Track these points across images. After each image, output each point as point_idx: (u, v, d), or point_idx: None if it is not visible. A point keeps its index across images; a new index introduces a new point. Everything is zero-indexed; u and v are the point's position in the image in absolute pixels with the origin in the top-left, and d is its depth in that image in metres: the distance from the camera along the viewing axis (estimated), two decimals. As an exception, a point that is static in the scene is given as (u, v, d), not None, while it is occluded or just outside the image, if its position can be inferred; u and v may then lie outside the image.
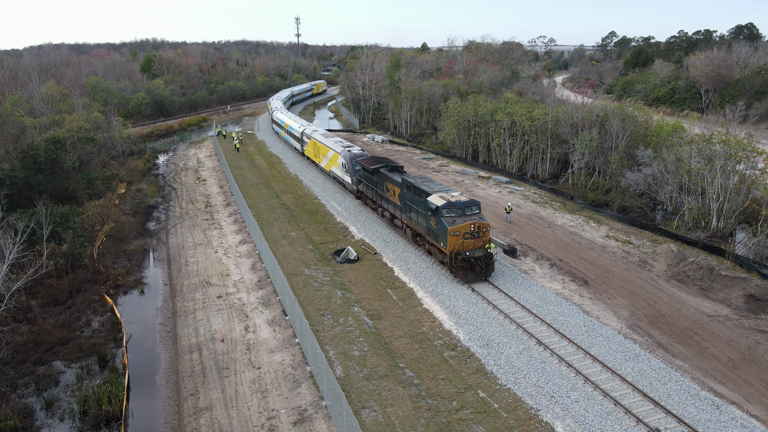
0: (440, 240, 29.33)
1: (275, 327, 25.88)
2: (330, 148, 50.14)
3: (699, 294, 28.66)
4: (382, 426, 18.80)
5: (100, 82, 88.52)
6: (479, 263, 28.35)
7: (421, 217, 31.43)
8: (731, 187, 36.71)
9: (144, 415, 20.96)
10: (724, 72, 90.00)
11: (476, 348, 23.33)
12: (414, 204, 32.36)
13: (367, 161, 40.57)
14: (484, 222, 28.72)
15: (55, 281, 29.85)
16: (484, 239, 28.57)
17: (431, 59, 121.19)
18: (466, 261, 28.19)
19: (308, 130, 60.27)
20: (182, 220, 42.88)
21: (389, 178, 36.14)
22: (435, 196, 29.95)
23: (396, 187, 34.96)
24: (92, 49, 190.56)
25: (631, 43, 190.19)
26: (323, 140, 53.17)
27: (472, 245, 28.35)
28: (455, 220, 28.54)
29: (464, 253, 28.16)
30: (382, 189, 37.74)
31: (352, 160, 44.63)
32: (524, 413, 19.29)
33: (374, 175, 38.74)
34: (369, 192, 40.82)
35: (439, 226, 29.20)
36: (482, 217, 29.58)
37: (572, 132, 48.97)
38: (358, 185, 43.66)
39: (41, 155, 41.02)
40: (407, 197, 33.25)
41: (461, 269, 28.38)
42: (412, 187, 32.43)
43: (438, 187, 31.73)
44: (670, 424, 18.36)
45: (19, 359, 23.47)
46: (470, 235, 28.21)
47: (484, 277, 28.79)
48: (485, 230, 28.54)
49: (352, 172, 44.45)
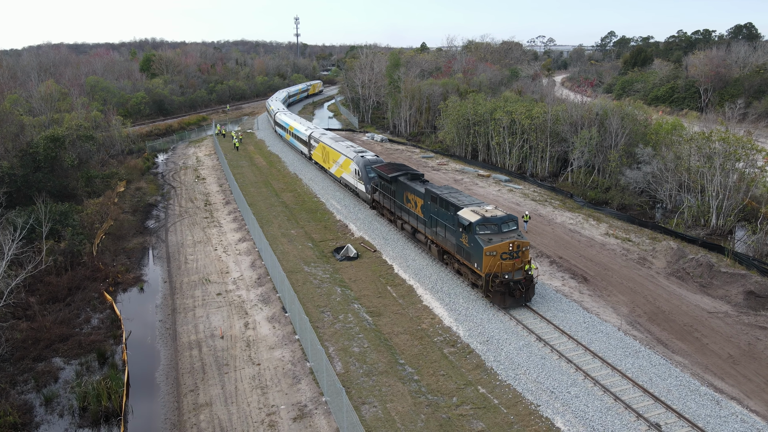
0: (473, 260, 26.18)
1: (275, 324, 25.86)
2: (341, 153, 46.97)
3: (699, 291, 28.67)
4: (382, 422, 18.79)
5: (99, 82, 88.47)
6: (519, 287, 25.26)
7: (450, 234, 28.27)
8: (731, 185, 36.74)
9: (144, 411, 20.94)
10: (723, 71, 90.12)
11: (476, 344, 23.32)
12: (441, 218, 29.19)
13: (383, 168, 37.37)
14: (523, 240, 25.70)
15: (54, 278, 29.82)
16: (523, 259, 25.60)
17: (430, 59, 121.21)
18: (505, 285, 25.12)
19: (316, 133, 56.98)
20: (182, 218, 42.85)
21: (410, 187, 33.15)
22: (467, 211, 26.81)
23: (418, 198, 31.98)
24: (91, 49, 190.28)
25: (630, 42, 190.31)
26: (333, 145, 49.76)
27: (511, 266, 25.29)
28: (491, 238, 25.51)
29: (502, 276, 25.09)
30: (401, 199, 34.63)
31: (366, 166, 41.75)
32: (524, 409, 19.29)
33: (392, 184, 35.68)
34: (386, 202, 37.54)
35: (472, 245, 26.07)
36: (521, 234, 26.43)
37: (572, 130, 48.99)
38: (373, 194, 40.30)
39: (40, 153, 40.97)
40: (432, 210, 30.22)
41: (499, 294, 25.27)
42: (438, 199, 29.32)
43: (468, 199, 28.78)
44: (670, 419, 18.36)
45: (18, 356, 23.44)
46: (508, 256, 25.20)
47: (524, 302, 25.90)
48: (524, 249, 25.57)
49: (366, 180, 41.54)
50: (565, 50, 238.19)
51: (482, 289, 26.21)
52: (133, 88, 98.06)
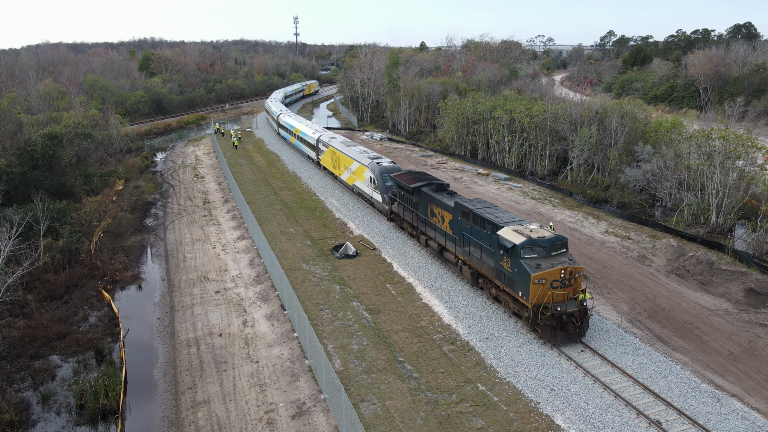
0: (518, 288, 22.87)
1: (273, 321, 25.75)
2: (354, 160, 43.42)
3: (699, 288, 28.59)
4: (381, 419, 18.68)
5: (98, 80, 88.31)
6: (573, 321, 22.02)
7: (487, 255, 25.01)
8: (730, 183, 36.66)
9: (141, 409, 20.82)
10: (723, 70, 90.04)
11: (476, 342, 23.23)
12: (475, 236, 25.95)
13: (403, 178, 34.12)
14: (576, 266, 22.35)
15: (52, 276, 29.69)
16: (576, 287, 22.42)
17: (430, 58, 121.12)
18: (557, 319, 21.97)
19: (325, 136, 52.99)
20: (180, 216, 42.72)
21: (435, 200, 29.95)
22: (508, 230, 23.50)
23: (446, 213, 28.82)
24: (90, 48, 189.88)
25: (630, 42, 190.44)
26: (345, 150, 46.01)
27: (563, 296, 22.09)
28: (539, 263, 22.17)
29: (554, 309, 21.88)
30: (424, 212, 31.52)
31: (382, 174, 38.34)
32: (524, 406, 19.19)
33: (414, 195, 32.47)
34: (407, 215, 34.22)
35: (516, 271, 22.70)
36: (572, 258, 23.05)
37: (571, 129, 48.90)
38: (391, 205, 36.89)
39: (38, 151, 40.82)
40: (463, 227, 27.01)
41: (549, 329, 22.09)
42: (472, 215, 26.10)
43: (506, 216, 25.59)
44: (670, 416, 18.27)
45: (15, 353, 23.31)
46: (560, 284, 21.96)
47: (578, 338, 22.69)
48: (577, 276, 22.39)
49: (383, 189, 38.18)
50: (565, 50, 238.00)
51: (527, 321, 23.11)
52: (131, 87, 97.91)
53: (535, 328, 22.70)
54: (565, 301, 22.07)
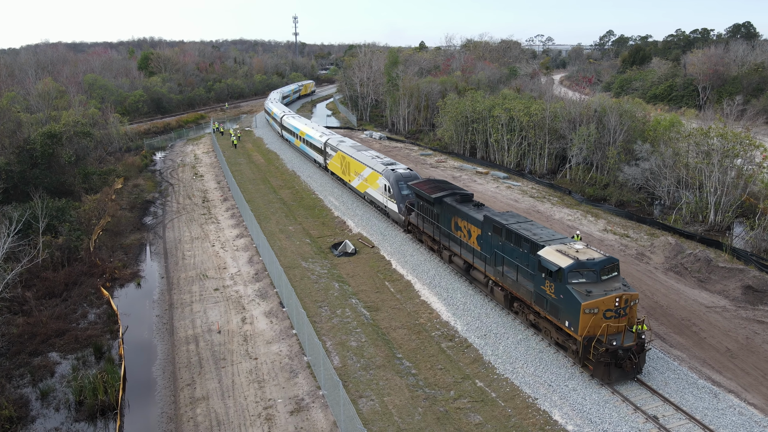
0: (563, 317, 20.07)
1: (272, 318, 25.80)
2: (365, 165, 40.59)
3: (697, 285, 28.65)
4: (380, 415, 18.74)
5: (98, 80, 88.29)
6: (630, 357, 19.16)
7: (525, 278, 22.29)
8: (729, 182, 36.71)
9: (140, 405, 20.88)
10: (722, 69, 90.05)
11: (474, 338, 23.29)
12: (509, 255, 23.27)
13: (422, 186, 31.48)
14: (631, 292, 19.62)
15: (51, 274, 29.74)
16: (631, 317, 19.67)
17: (429, 57, 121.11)
18: (612, 354, 19.04)
19: (333, 140, 50.22)
20: (179, 214, 42.76)
21: (461, 212, 27.26)
22: (551, 251, 20.75)
23: (473, 227, 26.11)
24: (89, 48, 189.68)
25: (629, 41, 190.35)
26: (355, 155, 43.13)
27: (617, 328, 19.40)
28: (590, 290, 19.42)
29: (609, 343, 19.04)
30: (447, 225, 28.81)
31: (398, 182, 35.61)
32: (522, 402, 19.25)
33: (434, 206, 29.66)
34: (427, 227, 31.32)
35: (563, 298, 19.91)
36: (626, 282, 20.50)
37: (570, 127, 48.96)
38: (408, 215, 34.05)
39: (37, 150, 40.87)
40: (495, 243, 24.24)
41: (603, 365, 19.22)
42: (505, 231, 23.40)
43: (545, 233, 22.77)
44: (667, 411, 18.33)
45: (14, 350, 23.36)
46: (614, 314, 19.21)
47: (634, 375, 19.81)
48: (633, 303, 19.62)
49: (398, 198, 35.36)
50: (564, 49, 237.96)
51: (575, 354, 20.32)
52: (131, 86, 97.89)
53: (585, 364, 19.90)
54: (621, 333, 19.41)
